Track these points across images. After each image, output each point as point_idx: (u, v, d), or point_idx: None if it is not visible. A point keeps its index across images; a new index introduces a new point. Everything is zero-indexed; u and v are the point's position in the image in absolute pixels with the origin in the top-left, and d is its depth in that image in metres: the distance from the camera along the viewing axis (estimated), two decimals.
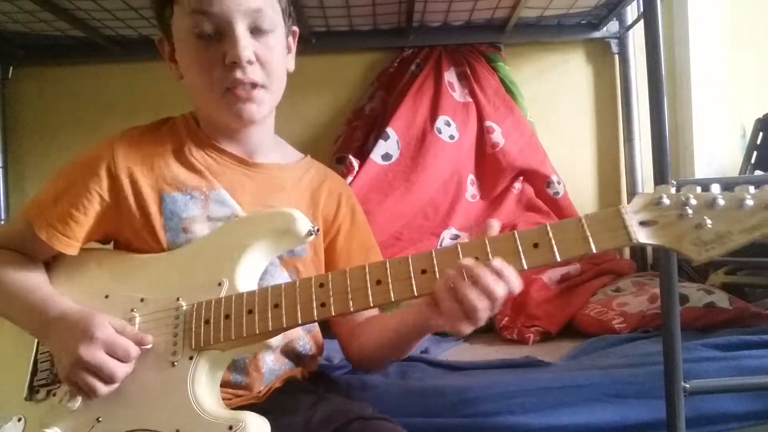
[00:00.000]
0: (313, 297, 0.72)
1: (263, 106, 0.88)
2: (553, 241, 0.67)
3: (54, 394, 0.79)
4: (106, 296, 0.83)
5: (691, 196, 0.64)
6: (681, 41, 1.96)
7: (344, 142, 1.91)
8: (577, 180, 1.96)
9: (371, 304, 0.71)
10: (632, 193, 1.96)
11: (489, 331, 1.60)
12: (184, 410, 0.73)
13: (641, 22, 1.07)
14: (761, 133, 1.74)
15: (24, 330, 0.84)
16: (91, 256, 0.89)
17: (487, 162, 1.86)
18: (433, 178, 1.79)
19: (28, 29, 1.79)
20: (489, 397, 1.00)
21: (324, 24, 1.85)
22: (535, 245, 0.67)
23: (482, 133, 1.87)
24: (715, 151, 1.93)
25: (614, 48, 1.98)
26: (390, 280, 0.71)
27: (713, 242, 0.62)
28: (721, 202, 0.63)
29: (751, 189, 0.63)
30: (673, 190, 0.66)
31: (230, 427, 0.70)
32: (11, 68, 1.98)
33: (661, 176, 0.92)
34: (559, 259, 0.67)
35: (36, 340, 0.84)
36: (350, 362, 1.04)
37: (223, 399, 0.80)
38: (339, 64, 2.00)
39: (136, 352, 0.75)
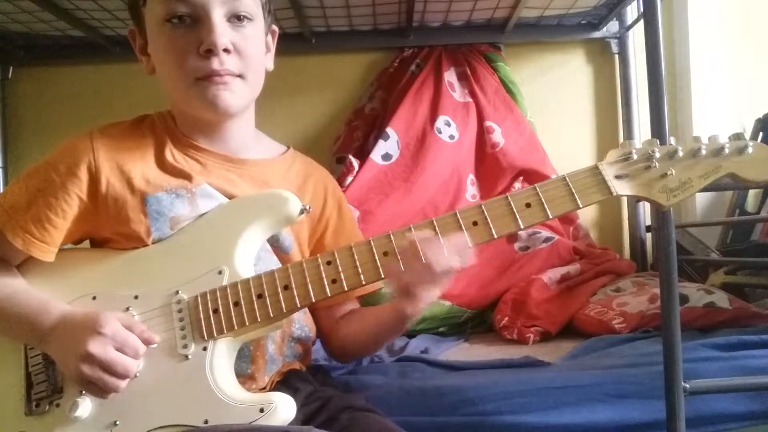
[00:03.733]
0: (323, 274, 0.73)
1: (238, 95, 0.83)
2: (543, 200, 0.72)
3: (57, 405, 0.76)
4: (94, 297, 0.80)
5: (656, 149, 0.72)
6: (681, 41, 1.96)
7: (344, 142, 1.91)
8: None
9: (382, 276, 0.73)
10: None
11: (489, 331, 1.60)
12: (209, 400, 0.72)
13: (641, 22, 1.07)
14: (761, 133, 1.74)
15: (19, 340, 0.80)
16: (69, 256, 0.84)
17: (487, 162, 1.86)
18: (433, 178, 1.79)
19: (28, 29, 1.79)
20: (489, 397, 0.99)
21: (324, 24, 1.85)
22: (528, 205, 0.73)
23: (482, 133, 1.87)
24: None
25: (614, 48, 1.98)
26: (397, 251, 0.73)
27: (678, 189, 0.71)
28: (680, 153, 0.72)
29: (704, 139, 0.72)
30: (636, 145, 0.74)
31: (261, 410, 0.70)
32: (11, 68, 1.98)
33: None
34: (551, 216, 0.72)
35: (23, 354, 0.80)
36: (330, 352, 1.03)
37: None
38: (339, 64, 2.00)
39: (144, 349, 0.74)
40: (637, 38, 1.95)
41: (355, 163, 1.77)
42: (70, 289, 0.80)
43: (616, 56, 1.98)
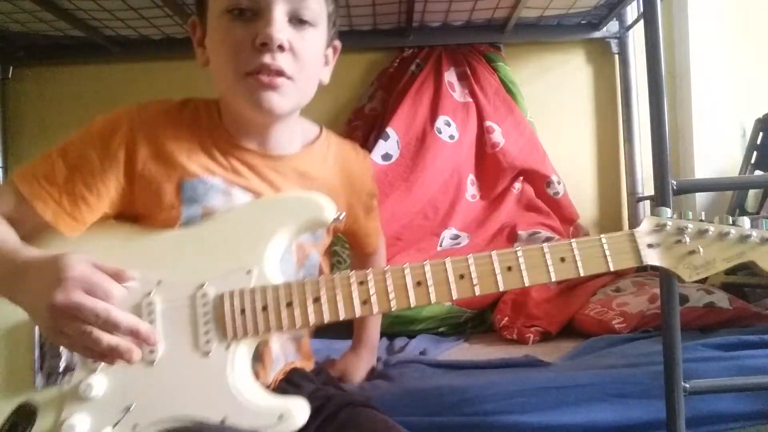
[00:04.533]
0: (355, 294, 0.74)
1: (286, 98, 0.80)
2: (578, 258, 0.74)
3: (68, 381, 0.74)
4: None
5: (689, 225, 0.75)
6: (681, 41, 1.96)
7: None
8: (577, 180, 1.96)
9: (412, 305, 0.73)
10: (632, 193, 1.96)
11: (489, 331, 1.60)
12: (228, 399, 0.72)
13: (641, 22, 1.07)
14: (761, 133, 1.74)
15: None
16: (96, 227, 0.81)
17: (487, 162, 1.86)
18: (433, 178, 1.79)
19: (28, 29, 1.79)
20: (489, 397, 0.99)
21: None
22: (562, 259, 0.74)
23: (482, 133, 1.87)
24: (715, 151, 1.93)
25: (614, 48, 1.98)
26: (431, 283, 0.74)
27: (701, 267, 0.74)
28: (711, 232, 0.74)
29: (746, 222, 0.74)
30: (669, 213, 0.76)
31: (280, 416, 0.70)
32: (11, 68, 1.98)
33: (661, 176, 0.92)
34: (582, 274, 0.74)
35: (36, 326, 0.76)
36: None
37: None
38: (339, 64, 1.99)
39: (119, 290, 0.69)
40: (637, 38, 1.95)
41: None
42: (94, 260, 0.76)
43: (616, 56, 1.99)
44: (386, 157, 1.79)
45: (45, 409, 0.73)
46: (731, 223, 0.75)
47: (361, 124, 1.92)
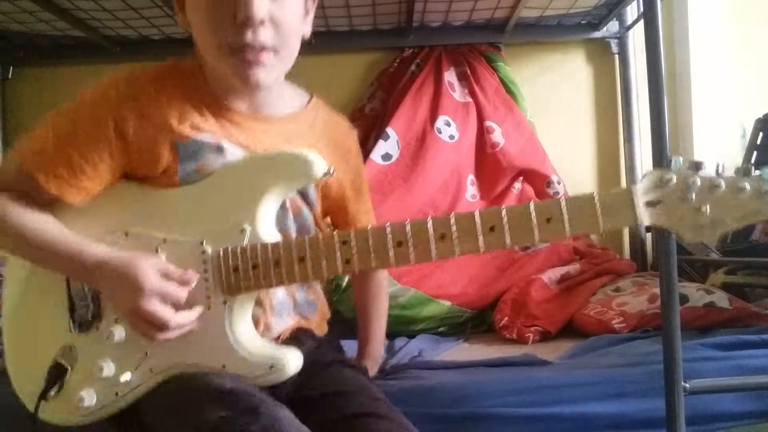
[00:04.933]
0: (337, 253, 0.76)
1: (272, 71, 0.83)
2: (566, 218, 0.69)
3: (97, 328, 0.83)
4: (126, 233, 0.84)
5: (697, 178, 0.66)
6: (681, 41, 1.96)
7: None
8: (577, 180, 1.96)
9: (393, 264, 0.75)
10: None
11: (489, 331, 1.60)
12: (227, 350, 0.78)
13: (641, 22, 1.07)
14: (761, 133, 1.74)
15: (62, 273, 0.85)
16: (105, 190, 0.86)
17: (487, 162, 1.86)
18: (433, 178, 1.79)
19: (28, 29, 1.79)
20: (486, 395, 1.00)
21: (324, 24, 1.85)
22: (548, 220, 0.69)
23: (482, 133, 1.87)
24: (715, 151, 1.93)
25: (614, 48, 1.98)
26: (410, 243, 0.74)
27: (707, 227, 0.66)
28: (723, 187, 0.66)
29: (755, 172, 0.66)
30: (680, 163, 0.68)
31: (271, 366, 0.77)
32: (11, 68, 1.98)
33: None
34: (568, 235, 0.69)
35: (66, 278, 0.85)
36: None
37: None
38: (339, 64, 2.00)
39: (185, 292, 0.78)
40: (637, 38, 1.95)
41: None
42: (104, 223, 0.85)
43: (616, 56, 1.99)
44: (386, 157, 1.79)
45: (81, 351, 0.84)
46: (749, 175, 0.65)
47: (361, 124, 1.92)
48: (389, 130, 1.80)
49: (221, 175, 0.84)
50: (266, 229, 0.81)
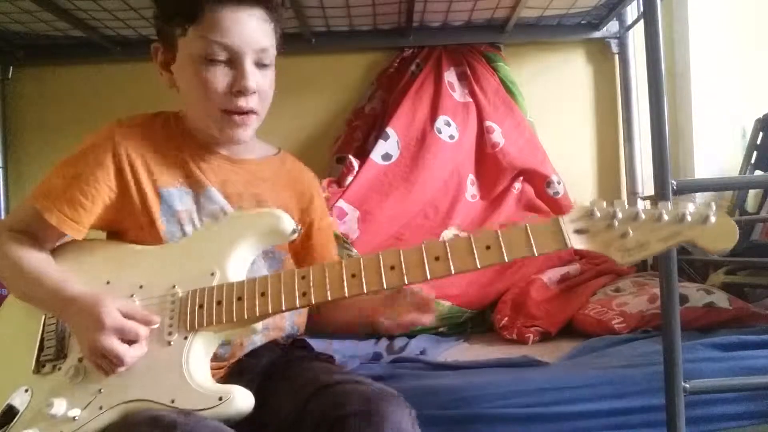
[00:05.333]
0: (296, 287, 0.82)
1: (252, 129, 0.96)
2: (503, 245, 0.76)
3: (59, 369, 0.87)
4: (108, 282, 0.91)
5: (618, 210, 0.75)
6: (681, 41, 1.96)
7: (344, 142, 1.91)
8: (577, 180, 1.96)
9: (346, 295, 0.80)
10: (632, 193, 1.96)
11: (489, 331, 1.60)
12: (179, 383, 0.81)
13: (641, 22, 1.07)
14: (761, 133, 1.75)
15: (46, 311, 0.92)
16: (94, 246, 0.97)
17: (487, 162, 1.87)
18: (433, 178, 1.79)
19: (28, 29, 1.79)
20: (485, 397, 1.00)
21: (324, 24, 1.85)
22: (488, 247, 0.77)
23: (482, 133, 1.87)
24: (715, 151, 1.93)
25: (614, 48, 1.98)
26: (363, 274, 0.79)
27: (634, 249, 0.73)
28: (643, 216, 0.74)
29: (669, 205, 0.74)
30: (643, 201, 0.78)
31: (220, 398, 0.78)
32: (11, 68, 1.98)
33: (661, 176, 0.92)
34: (506, 260, 0.76)
35: (42, 319, 0.92)
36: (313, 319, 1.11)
37: (212, 369, 0.88)
38: (339, 64, 2.00)
39: (146, 331, 0.83)
40: (637, 38, 1.95)
41: (355, 163, 1.77)
42: (91, 272, 0.93)
43: (616, 56, 1.99)
44: (386, 157, 1.79)
45: (37, 392, 0.86)
46: (669, 207, 0.74)
47: (361, 124, 1.92)
48: (389, 130, 1.80)
49: (199, 233, 0.94)
50: (236, 275, 0.87)
